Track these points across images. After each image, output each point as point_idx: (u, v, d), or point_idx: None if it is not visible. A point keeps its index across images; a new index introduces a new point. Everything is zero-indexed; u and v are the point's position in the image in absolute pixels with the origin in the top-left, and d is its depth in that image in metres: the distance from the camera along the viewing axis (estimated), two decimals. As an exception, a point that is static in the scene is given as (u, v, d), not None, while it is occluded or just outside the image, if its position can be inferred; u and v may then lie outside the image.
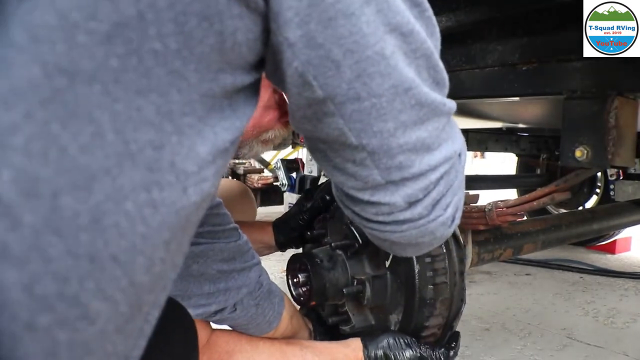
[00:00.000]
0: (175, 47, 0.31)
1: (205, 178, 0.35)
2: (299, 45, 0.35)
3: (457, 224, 0.52)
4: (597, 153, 0.81)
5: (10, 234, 0.27)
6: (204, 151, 0.34)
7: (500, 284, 2.13)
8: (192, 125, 0.33)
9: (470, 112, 1.54)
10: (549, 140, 2.73)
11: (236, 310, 0.77)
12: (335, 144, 0.43)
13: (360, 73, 0.37)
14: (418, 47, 0.40)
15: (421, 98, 0.41)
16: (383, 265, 0.93)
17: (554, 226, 1.32)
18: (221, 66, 0.34)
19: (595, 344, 1.50)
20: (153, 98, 0.31)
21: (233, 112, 0.37)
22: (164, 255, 0.34)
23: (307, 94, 0.38)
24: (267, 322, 0.83)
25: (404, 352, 0.86)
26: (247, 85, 0.38)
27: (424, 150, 0.44)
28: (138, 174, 0.31)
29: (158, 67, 0.31)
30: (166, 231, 0.33)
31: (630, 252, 2.79)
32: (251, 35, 0.35)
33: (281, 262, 2.12)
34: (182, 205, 0.33)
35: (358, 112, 0.40)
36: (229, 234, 0.77)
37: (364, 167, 0.44)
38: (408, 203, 0.46)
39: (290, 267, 0.98)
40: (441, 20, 0.90)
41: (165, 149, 0.32)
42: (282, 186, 2.25)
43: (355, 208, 0.50)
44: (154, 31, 0.30)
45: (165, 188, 0.32)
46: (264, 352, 0.83)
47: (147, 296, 0.34)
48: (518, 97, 0.98)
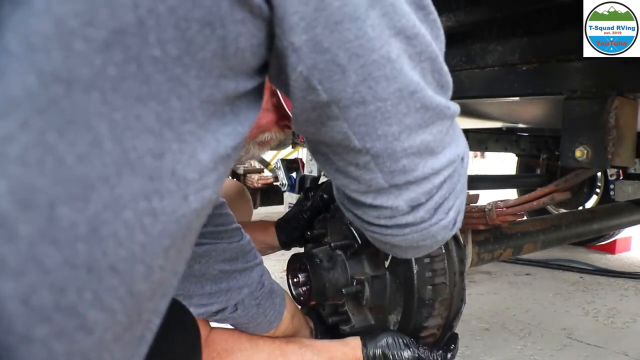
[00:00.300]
0: (175, 53, 0.30)
1: (206, 185, 0.34)
2: (305, 50, 0.35)
3: (459, 227, 0.52)
4: (597, 153, 0.81)
5: (6, 245, 0.27)
6: (205, 158, 0.34)
7: (500, 284, 2.13)
8: (193, 132, 0.33)
9: (470, 112, 1.54)
10: (549, 140, 2.73)
11: (237, 310, 0.78)
12: (339, 148, 0.43)
13: (366, 77, 0.37)
14: (423, 50, 0.40)
15: (426, 101, 0.41)
16: (382, 266, 0.93)
17: (554, 226, 1.32)
18: (223, 72, 0.34)
19: (595, 344, 1.50)
20: (153, 105, 0.30)
21: (235, 117, 0.36)
22: (163, 263, 0.33)
23: (312, 97, 0.38)
24: (268, 322, 0.83)
25: (403, 352, 0.86)
26: (250, 90, 0.37)
27: (427, 154, 0.44)
28: (137, 183, 0.30)
29: (158, 74, 0.30)
30: (166, 239, 0.33)
31: (630, 252, 2.79)
32: (255, 40, 0.34)
33: (281, 262, 2.12)
34: (183, 213, 0.33)
35: (363, 116, 0.39)
36: (231, 234, 0.77)
37: (368, 170, 0.44)
38: (411, 207, 0.46)
39: (290, 266, 0.98)
40: (441, 20, 0.89)
41: (165, 156, 0.31)
42: (282, 186, 2.25)
43: (357, 211, 0.50)
44: (154, 37, 0.29)
45: (165, 196, 0.32)
46: (264, 350, 0.83)
47: (146, 304, 0.34)
48: (518, 97, 0.98)
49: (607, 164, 0.81)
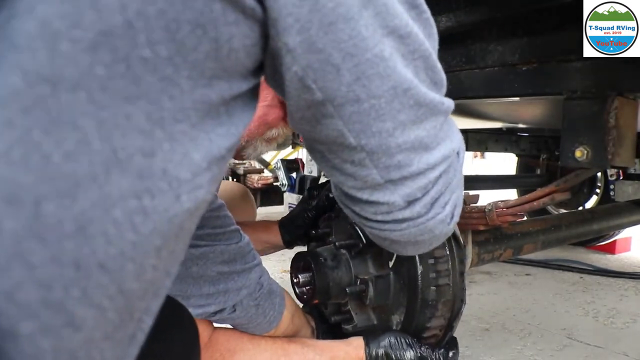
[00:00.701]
0: (166, 54, 0.30)
1: (199, 185, 0.34)
2: (299, 51, 0.35)
3: (456, 222, 0.52)
4: (597, 153, 0.81)
5: None
6: (198, 158, 0.34)
7: (500, 284, 2.13)
8: (185, 132, 0.33)
9: (470, 112, 1.54)
10: (549, 140, 2.73)
11: (236, 311, 0.78)
12: (334, 145, 0.44)
13: (360, 76, 0.38)
14: (416, 48, 0.40)
15: (419, 98, 0.41)
16: (386, 266, 0.94)
17: (554, 226, 1.32)
18: (217, 73, 0.34)
19: (595, 344, 1.50)
20: (143, 105, 0.30)
21: (229, 118, 0.36)
22: (155, 262, 0.33)
23: (307, 96, 0.38)
24: (268, 322, 0.83)
25: (405, 352, 0.86)
26: (245, 92, 0.37)
27: (422, 149, 0.44)
28: (127, 181, 0.30)
29: (148, 75, 0.30)
30: (158, 238, 0.33)
31: (630, 252, 2.79)
32: (248, 41, 0.34)
33: (281, 262, 2.12)
34: (175, 212, 0.33)
35: (357, 114, 0.40)
36: (229, 236, 0.77)
37: (363, 167, 0.44)
38: (407, 202, 0.46)
39: (294, 265, 0.98)
40: (441, 20, 0.90)
41: (156, 156, 0.31)
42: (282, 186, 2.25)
43: (355, 207, 0.51)
44: (143, 39, 0.29)
45: (156, 195, 0.32)
46: (266, 350, 0.83)
47: (138, 303, 0.34)
48: (518, 97, 0.98)
49: (607, 164, 0.81)
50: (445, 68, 0.45)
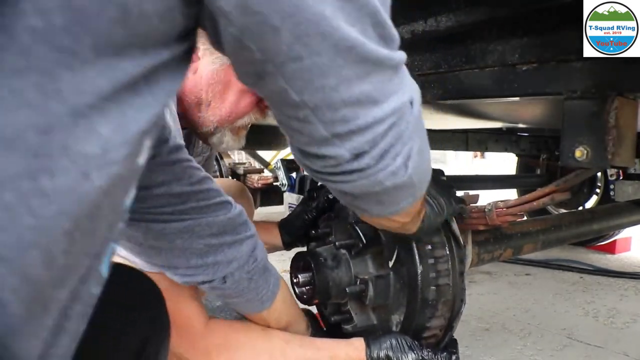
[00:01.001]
0: (61, 22, 0.28)
1: (112, 161, 0.32)
2: (234, 14, 0.35)
3: (413, 174, 0.51)
4: (597, 153, 0.81)
5: None
6: (107, 132, 0.31)
7: (500, 284, 2.13)
8: (92, 104, 0.30)
9: (470, 112, 1.54)
10: (549, 140, 2.73)
11: (226, 282, 0.76)
12: (278, 102, 0.43)
13: (300, 35, 0.37)
14: (362, 5, 0.40)
15: (365, 54, 0.41)
16: (386, 266, 0.93)
17: (554, 226, 1.32)
18: (129, 40, 0.31)
19: (595, 344, 1.50)
20: (33, 78, 0.28)
21: (149, 88, 0.34)
22: (67, 247, 0.31)
23: (246, 54, 0.38)
24: (260, 300, 0.81)
25: (407, 354, 0.86)
26: (168, 60, 0.35)
27: (370, 103, 0.44)
28: (17, 162, 0.28)
29: (38, 45, 0.28)
30: (66, 221, 0.30)
31: (630, 252, 2.79)
32: (161, 5, 0.32)
33: (281, 262, 2.12)
34: (85, 191, 0.31)
35: (299, 71, 0.39)
36: (216, 207, 0.75)
37: (308, 123, 0.44)
38: (354, 155, 0.46)
39: (294, 265, 0.99)
40: (441, 20, 0.90)
41: (54, 131, 0.29)
42: (282, 186, 2.25)
43: (306, 161, 0.51)
44: (29, 6, 0.27)
45: (57, 174, 0.29)
46: (264, 347, 0.83)
47: (53, 292, 0.32)
48: (518, 97, 0.98)
49: (607, 164, 0.81)
50: (446, 68, 0.45)
